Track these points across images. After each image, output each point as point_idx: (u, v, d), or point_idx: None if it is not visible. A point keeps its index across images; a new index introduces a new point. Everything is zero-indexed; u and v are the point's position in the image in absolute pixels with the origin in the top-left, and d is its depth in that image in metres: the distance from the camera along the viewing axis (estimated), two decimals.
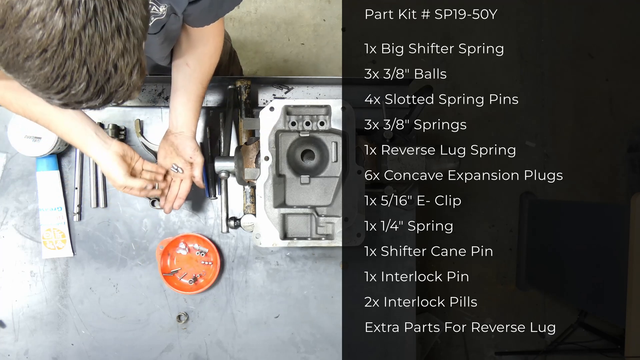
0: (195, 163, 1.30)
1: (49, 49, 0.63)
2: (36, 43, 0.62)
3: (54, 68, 0.65)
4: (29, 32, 0.62)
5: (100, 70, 0.67)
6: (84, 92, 0.69)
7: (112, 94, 0.72)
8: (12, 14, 0.61)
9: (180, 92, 1.27)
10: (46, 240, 1.45)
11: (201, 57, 1.25)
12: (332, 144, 1.24)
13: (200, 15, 1.13)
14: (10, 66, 0.66)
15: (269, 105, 1.22)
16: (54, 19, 0.61)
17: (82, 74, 0.67)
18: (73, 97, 0.70)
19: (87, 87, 0.68)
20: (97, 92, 0.70)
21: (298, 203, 1.26)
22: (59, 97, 0.70)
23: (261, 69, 2.71)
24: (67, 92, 0.68)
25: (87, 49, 0.65)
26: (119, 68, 0.69)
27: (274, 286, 1.51)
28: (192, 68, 1.25)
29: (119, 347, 1.47)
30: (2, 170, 1.47)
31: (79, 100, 0.70)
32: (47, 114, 1.16)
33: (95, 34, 0.64)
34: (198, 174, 1.31)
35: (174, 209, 1.34)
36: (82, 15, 0.62)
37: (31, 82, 0.68)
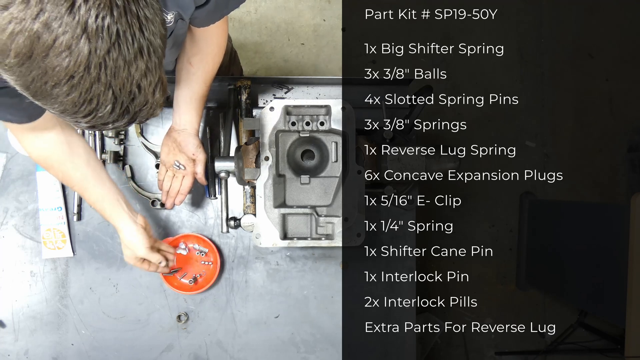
0: (197, 160, 1.32)
1: (76, 75, 0.64)
2: (63, 70, 0.63)
3: (80, 93, 0.66)
4: (56, 61, 0.63)
5: (124, 91, 0.69)
6: (110, 113, 0.70)
7: (137, 113, 0.73)
8: (39, 44, 0.61)
9: (184, 90, 1.28)
10: (46, 240, 1.45)
11: (205, 56, 1.26)
12: (332, 144, 1.24)
13: (206, 17, 1.14)
14: (38, 94, 0.67)
15: (269, 105, 1.22)
16: (80, 46, 0.62)
17: (108, 97, 0.68)
18: (100, 120, 0.71)
19: (113, 109, 0.70)
20: (122, 113, 0.71)
21: (298, 203, 1.26)
22: (86, 121, 0.71)
23: (261, 69, 2.71)
24: (94, 115, 0.70)
25: (112, 72, 0.66)
26: (143, 88, 0.70)
27: (274, 286, 1.51)
28: (195, 67, 1.26)
29: (119, 347, 1.47)
30: (2, 170, 1.47)
31: (105, 122, 0.72)
32: (85, 181, 1.22)
33: (119, 57, 0.65)
34: (200, 171, 1.33)
35: (176, 204, 1.38)
36: (106, 40, 0.64)
37: (59, 108, 0.69)
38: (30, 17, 0.60)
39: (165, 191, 1.37)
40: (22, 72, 0.64)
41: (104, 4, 0.62)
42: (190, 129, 1.30)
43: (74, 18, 0.61)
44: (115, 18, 0.63)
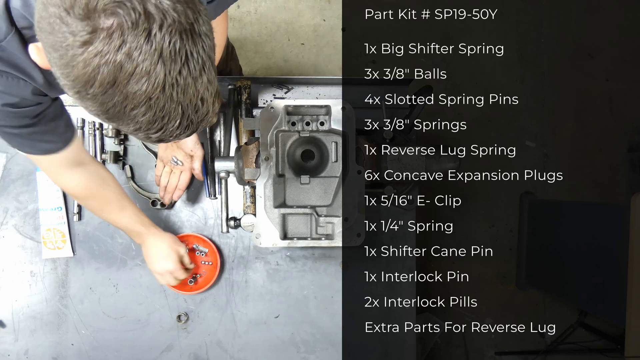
0: (195, 156, 1.35)
1: (153, 97, 0.68)
2: (143, 94, 0.67)
3: (155, 112, 0.69)
4: (137, 86, 0.66)
5: (191, 105, 0.72)
6: (178, 127, 0.73)
7: (199, 123, 0.76)
8: (122, 73, 0.65)
9: None
10: (46, 240, 1.45)
11: None
12: (332, 144, 1.24)
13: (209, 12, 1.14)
14: (115, 117, 0.70)
15: (269, 105, 1.22)
16: (157, 70, 0.66)
17: (178, 112, 0.71)
18: (169, 133, 0.74)
19: (180, 122, 0.73)
20: (187, 125, 0.74)
21: (298, 203, 1.26)
22: (156, 135, 0.74)
23: (261, 69, 2.71)
24: (164, 130, 0.73)
25: (182, 89, 0.69)
26: (205, 100, 0.74)
27: (274, 286, 1.51)
28: None
29: (119, 347, 1.47)
30: (2, 170, 1.47)
31: (173, 134, 0.75)
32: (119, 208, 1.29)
33: (188, 75, 0.69)
34: (198, 166, 1.37)
35: (173, 199, 1.41)
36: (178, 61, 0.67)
37: (134, 127, 0.72)
38: (113, 49, 0.64)
39: (163, 187, 1.40)
40: (104, 99, 0.67)
41: (175, 29, 0.66)
42: None
43: (152, 46, 0.64)
44: (184, 40, 0.67)
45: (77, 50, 0.64)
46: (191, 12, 0.67)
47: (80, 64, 0.64)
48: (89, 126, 1.46)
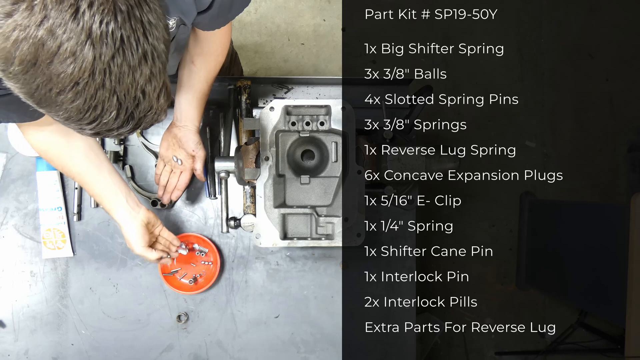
0: (197, 156, 1.34)
1: (81, 82, 0.64)
2: (68, 77, 0.63)
3: (85, 100, 0.65)
4: (61, 67, 0.62)
5: (129, 97, 0.68)
6: (115, 120, 0.70)
7: (141, 119, 0.73)
8: (43, 51, 0.61)
9: (186, 88, 1.29)
10: (46, 240, 1.45)
11: (208, 56, 1.26)
12: (332, 144, 1.24)
13: (210, 22, 1.14)
14: (42, 102, 0.66)
15: (269, 105, 1.22)
16: (84, 52, 0.62)
17: (113, 103, 0.67)
18: (104, 126, 0.70)
19: (118, 115, 0.69)
20: (127, 119, 0.71)
21: (298, 203, 1.26)
22: (90, 127, 0.70)
23: (261, 69, 2.71)
24: (98, 122, 0.69)
25: (116, 78, 0.65)
26: (147, 93, 0.70)
27: (274, 286, 1.51)
28: (197, 66, 1.26)
29: (119, 347, 1.47)
30: (2, 170, 1.47)
31: (110, 128, 0.71)
32: (83, 176, 1.21)
33: (123, 62, 0.65)
34: (199, 167, 1.35)
35: (172, 199, 1.40)
36: (110, 45, 0.63)
37: (63, 115, 0.68)
38: (34, 24, 0.59)
39: (162, 185, 1.39)
40: (27, 79, 0.64)
41: (108, 9, 0.61)
42: (191, 126, 1.31)
43: (78, 24, 0.60)
44: (119, 23, 0.63)
45: None
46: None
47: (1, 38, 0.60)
48: None
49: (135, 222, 1.23)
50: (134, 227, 1.23)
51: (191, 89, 1.28)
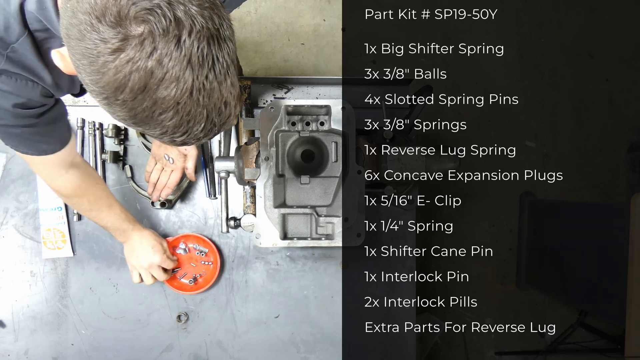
0: (189, 155, 1.36)
1: (181, 102, 0.68)
2: (172, 99, 0.68)
3: (182, 116, 0.70)
4: (166, 92, 0.67)
5: (215, 109, 0.72)
6: (202, 130, 0.74)
7: (222, 126, 0.77)
8: (152, 79, 0.66)
9: None
10: (46, 240, 1.45)
11: None
12: (332, 144, 1.24)
13: None
14: (142, 121, 0.71)
15: (269, 105, 1.22)
16: (186, 76, 0.66)
17: (203, 116, 0.72)
18: (193, 136, 0.75)
19: (205, 126, 0.73)
20: (211, 128, 0.75)
21: (298, 203, 1.26)
22: (181, 139, 0.75)
23: (261, 69, 2.71)
24: (189, 133, 0.73)
25: (208, 94, 0.70)
26: (228, 103, 0.74)
27: (274, 286, 1.51)
28: None
29: (119, 347, 1.47)
30: (2, 170, 1.47)
31: (197, 137, 0.75)
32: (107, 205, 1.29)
33: (214, 80, 0.69)
34: (191, 166, 1.37)
35: (161, 197, 1.42)
36: (205, 66, 0.68)
37: (160, 131, 0.72)
38: (145, 56, 0.64)
39: (152, 183, 1.41)
40: (134, 105, 0.68)
41: (203, 35, 0.66)
42: None
43: (181, 52, 0.65)
44: (211, 45, 0.68)
45: (109, 58, 0.65)
46: (217, 18, 0.68)
47: (112, 71, 0.65)
48: (89, 126, 1.46)
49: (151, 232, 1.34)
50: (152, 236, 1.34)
51: None
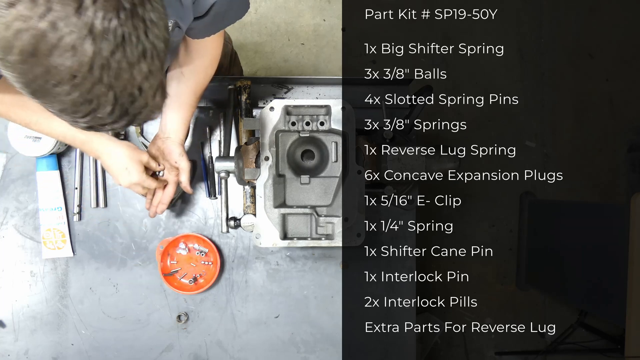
0: (180, 168, 1.29)
1: (79, 75, 0.64)
2: (66, 70, 0.63)
3: (81, 93, 0.66)
4: (60, 60, 0.62)
5: (125, 93, 0.68)
6: (109, 115, 0.70)
7: (136, 115, 0.73)
8: (43, 42, 0.61)
9: (173, 99, 1.26)
10: (46, 240, 1.45)
11: (197, 68, 1.26)
12: (332, 144, 1.24)
13: (203, 29, 1.14)
14: (38, 92, 0.67)
15: (269, 105, 1.22)
16: (85, 47, 0.62)
17: (109, 98, 0.68)
18: (98, 120, 0.71)
19: (113, 110, 0.69)
20: (121, 115, 0.71)
21: (298, 203, 1.26)
22: (84, 121, 0.71)
23: (261, 69, 2.71)
24: (92, 116, 0.69)
25: (114, 73, 0.66)
26: (144, 91, 0.70)
27: (274, 286, 1.51)
28: (186, 77, 1.25)
29: (119, 347, 1.47)
30: (2, 170, 1.47)
31: (104, 122, 0.72)
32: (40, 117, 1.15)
33: (123, 59, 0.65)
34: (184, 179, 1.30)
35: (158, 213, 1.34)
36: (111, 41, 0.64)
37: (58, 107, 0.68)
38: (37, 15, 0.60)
39: (149, 199, 1.34)
40: (24, 69, 0.64)
41: (112, 6, 0.62)
42: (175, 138, 1.27)
43: (81, 19, 0.61)
44: (122, 20, 0.64)
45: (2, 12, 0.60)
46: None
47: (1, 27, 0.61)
48: None
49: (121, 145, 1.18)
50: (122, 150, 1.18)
51: (178, 100, 1.26)
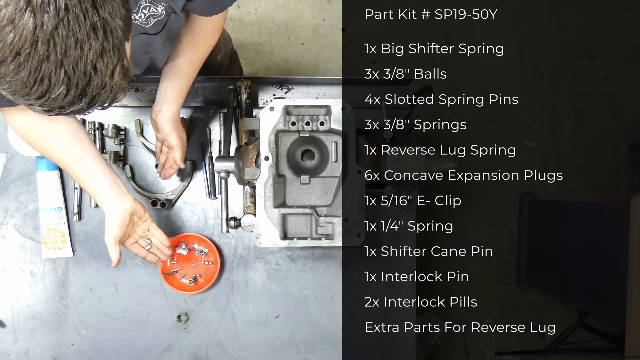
0: (174, 146, 1.28)
1: (22, 52, 0.61)
2: (8, 46, 0.61)
3: (30, 72, 0.63)
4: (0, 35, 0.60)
5: (78, 72, 0.65)
6: (65, 96, 0.67)
7: (95, 96, 0.70)
8: None
9: (169, 67, 1.24)
10: (46, 240, 1.45)
11: (196, 36, 1.23)
12: (332, 144, 1.24)
13: (205, 8, 1.13)
14: None
15: (269, 105, 1.22)
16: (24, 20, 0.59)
17: (60, 77, 0.65)
18: (54, 102, 0.68)
19: (68, 90, 0.67)
20: (78, 96, 0.68)
21: (298, 203, 1.26)
22: (39, 103, 0.68)
23: (261, 69, 2.71)
24: (47, 97, 0.67)
25: (62, 50, 0.63)
26: (99, 69, 0.67)
27: (274, 286, 1.51)
28: (184, 45, 1.23)
29: (119, 347, 1.47)
30: (2, 170, 1.47)
31: (61, 105, 0.69)
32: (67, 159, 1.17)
33: (69, 34, 0.62)
34: (177, 156, 1.30)
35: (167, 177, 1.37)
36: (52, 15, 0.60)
37: (9, 89, 0.66)
38: None
39: (161, 163, 1.36)
40: None
41: None
42: (166, 111, 1.24)
43: None
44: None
45: None
46: None
47: None
48: (89, 126, 1.46)
49: (118, 210, 1.17)
50: (116, 216, 1.17)
51: (173, 68, 1.23)
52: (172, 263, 1.47)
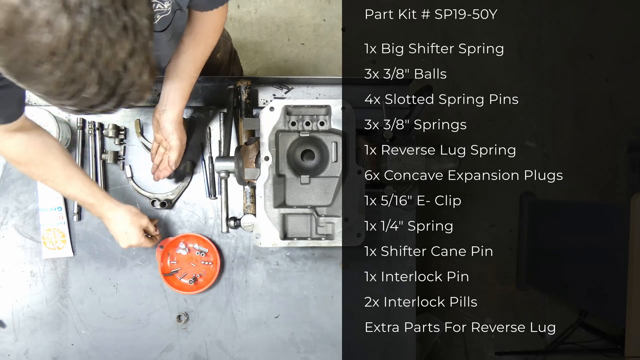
0: (171, 146, 1.32)
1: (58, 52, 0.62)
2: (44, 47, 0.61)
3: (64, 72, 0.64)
4: (36, 37, 0.61)
5: (109, 71, 0.67)
6: (96, 95, 0.68)
7: (124, 95, 0.71)
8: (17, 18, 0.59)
9: (171, 69, 1.27)
10: (46, 240, 1.45)
11: (197, 36, 1.25)
12: (332, 144, 1.24)
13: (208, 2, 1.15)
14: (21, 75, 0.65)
15: (269, 105, 1.22)
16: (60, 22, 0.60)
17: (93, 77, 0.66)
18: (86, 102, 0.69)
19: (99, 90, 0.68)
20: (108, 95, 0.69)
21: (298, 203, 1.26)
22: (71, 103, 0.69)
23: (261, 69, 2.71)
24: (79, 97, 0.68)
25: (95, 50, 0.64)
26: (129, 69, 0.68)
27: (274, 286, 1.51)
28: (186, 46, 1.25)
29: (119, 347, 1.47)
30: (2, 170, 1.47)
31: (92, 104, 0.70)
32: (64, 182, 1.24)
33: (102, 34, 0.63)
34: (173, 157, 1.34)
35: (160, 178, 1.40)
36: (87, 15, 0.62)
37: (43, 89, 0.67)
38: None
39: (156, 165, 1.39)
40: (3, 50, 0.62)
41: None
42: (170, 111, 1.28)
43: None
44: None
45: None
46: None
47: None
48: (89, 126, 1.46)
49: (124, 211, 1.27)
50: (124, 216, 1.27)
51: (176, 69, 1.25)
52: (172, 263, 1.47)
